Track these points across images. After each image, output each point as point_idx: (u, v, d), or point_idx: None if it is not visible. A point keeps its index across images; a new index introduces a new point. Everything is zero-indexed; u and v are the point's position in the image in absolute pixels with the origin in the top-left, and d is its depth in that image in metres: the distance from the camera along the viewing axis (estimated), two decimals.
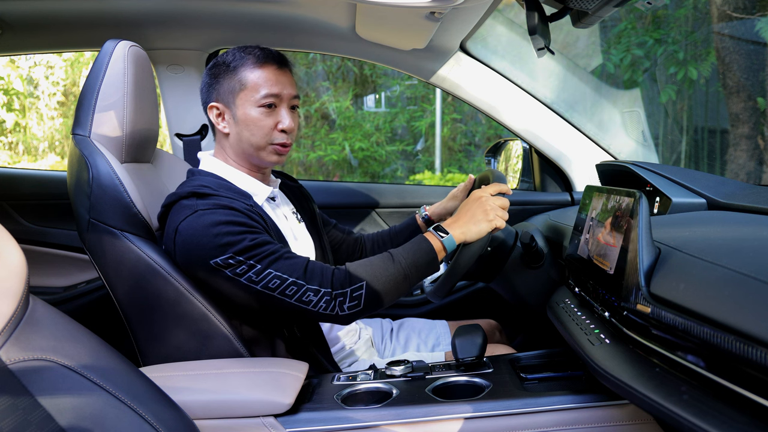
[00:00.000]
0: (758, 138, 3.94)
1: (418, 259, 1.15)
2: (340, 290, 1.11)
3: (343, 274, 1.12)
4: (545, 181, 2.08)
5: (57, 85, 8.03)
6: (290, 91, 1.26)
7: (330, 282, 1.11)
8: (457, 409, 1.00)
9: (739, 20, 3.93)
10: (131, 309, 1.22)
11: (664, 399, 0.71)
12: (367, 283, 1.11)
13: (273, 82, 1.23)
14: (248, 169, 1.31)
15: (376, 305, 1.13)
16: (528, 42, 1.29)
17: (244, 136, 1.25)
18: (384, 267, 1.13)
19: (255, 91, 1.23)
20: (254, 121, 1.24)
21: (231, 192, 1.20)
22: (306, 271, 1.11)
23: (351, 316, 1.12)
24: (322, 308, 1.10)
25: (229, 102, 1.25)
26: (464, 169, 7.49)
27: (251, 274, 1.09)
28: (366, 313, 1.13)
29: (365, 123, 7.60)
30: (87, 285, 2.03)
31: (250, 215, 1.15)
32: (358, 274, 1.12)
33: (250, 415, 0.99)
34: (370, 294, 1.11)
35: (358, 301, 1.11)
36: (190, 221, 1.11)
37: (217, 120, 1.28)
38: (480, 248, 1.23)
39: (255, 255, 1.09)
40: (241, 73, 1.23)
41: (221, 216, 1.11)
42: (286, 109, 1.26)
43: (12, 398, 0.68)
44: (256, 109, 1.23)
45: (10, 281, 0.74)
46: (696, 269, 0.78)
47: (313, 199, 1.56)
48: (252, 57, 1.24)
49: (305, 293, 1.09)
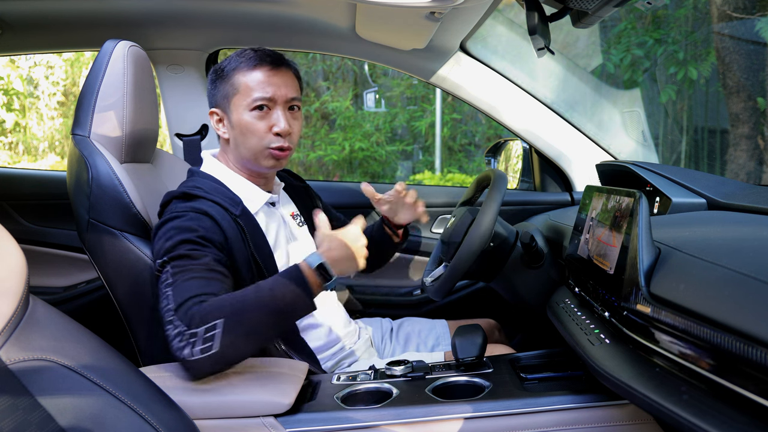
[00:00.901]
0: (758, 138, 3.94)
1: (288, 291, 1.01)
2: (195, 329, 0.95)
3: (203, 310, 0.96)
4: (545, 181, 2.08)
5: (57, 85, 8.03)
6: (286, 92, 1.23)
7: (189, 318, 0.96)
8: (457, 409, 1.00)
9: (739, 20, 3.93)
10: (131, 309, 1.22)
11: (664, 399, 0.71)
12: (225, 320, 0.95)
13: (265, 84, 1.21)
14: (248, 175, 1.30)
15: (236, 347, 0.97)
16: (528, 42, 1.29)
17: (239, 141, 1.24)
18: (247, 299, 0.99)
19: (246, 95, 1.21)
20: (247, 125, 1.22)
21: (222, 196, 1.19)
22: (186, 300, 0.99)
23: (203, 362, 0.95)
24: (176, 347, 0.96)
25: (225, 107, 1.25)
26: (464, 169, 7.49)
27: (164, 285, 1.04)
28: (224, 359, 0.97)
29: (365, 123, 7.59)
30: (87, 285, 2.03)
31: (212, 230, 1.11)
32: (216, 309, 0.96)
33: (250, 415, 0.98)
34: (228, 333, 0.94)
35: (211, 343, 0.94)
36: (162, 223, 1.13)
37: (218, 126, 1.28)
38: (482, 245, 1.23)
39: (177, 266, 1.04)
40: (234, 78, 1.22)
41: (183, 221, 1.10)
42: (282, 110, 1.24)
43: (12, 398, 0.68)
44: (249, 113, 1.22)
45: (10, 281, 0.74)
46: (696, 269, 0.78)
47: (320, 198, 1.54)
48: (244, 60, 1.22)
49: (169, 325, 0.98)
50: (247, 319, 0.97)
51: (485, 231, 1.26)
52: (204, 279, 1.04)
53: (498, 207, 1.28)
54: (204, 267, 1.06)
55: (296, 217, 1.44)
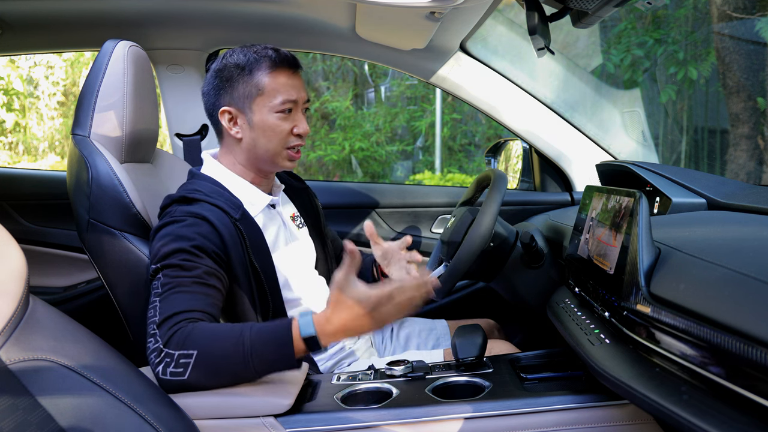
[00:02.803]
0: (758, 138, 3.94)
1: (268, 351, 0.96)
2: (171, 351, 0.95)
3: (184, 333, 0.96)
4: (545, 181, 2.08)
5: (57, 85, 8.03)
6: (304, 95, 1.25)
7: (167, 337, 0.96)
8: (457, 409, 1.00)
9: (739, 20, 3.93)
10: (131, 309, 1.22)
11: (664, 399, 0.71)
12: (199, 353, 0.95)
13: (289, 86, 1.21)
14: (254, 175, 1.29)
15: (203, 382, 0.95)
16: (528, 42, 1.29)
17: (260, 142, 1.23)
18: (225, 342, 0.95)
19: (272, 97, 1.20)
20: (272, 127, 1.22)
21: (222, 199, 1.18)
22: (170, 316, 0.99)
23: (172, 384, 0.95)
24: (151, 361, 0.97)
25: (244, 107, 1.22)
26: (464, 169, 7.49)
27: (153, 294, 1.04)
28: (190, 387, 0.96)
29: (365, 123, 7.59)
30: (87, 285, 2.03)
31: (208, 237, 1.10)
32: (196, 339, 0.95)
33: (250, 416, 0.98)
34: (198, 367, 0.94)
35: (183, 369, 0.94)
36: (160, 227, 1.13)
37: (230, 125, 1.24)
38: (482, 245, 1.23)
39: (168, 276, 1.04)
40: (257, 78, 1.20)
41: (180, 228, 1.10)
42: (302, 112, 1.25)
43: (12, 398, 0.68)
44: (274, 115, 1.21)
45: (10, 281, 0.74)
46: (696, 269, 0.78)
47: (318, 203, 1.53)
48: (267, 60, 1.20)
49: (150, 337, 0.98)
50: (219, 359, 0.95)
51: (485, 231, 1.26)
52: (192, 293, 1.03)
53: (498, 207, 1.28)
54: (194, 280, 1.05)
55: (296, 218, 1.43)
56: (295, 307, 1.31)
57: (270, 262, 1.22)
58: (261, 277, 1.18)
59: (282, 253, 1.31)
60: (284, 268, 1.29)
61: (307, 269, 1.41)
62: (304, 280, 1.36)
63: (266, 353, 0.95)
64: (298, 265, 1.36)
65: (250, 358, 0.95)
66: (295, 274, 1.33)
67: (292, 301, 1.31)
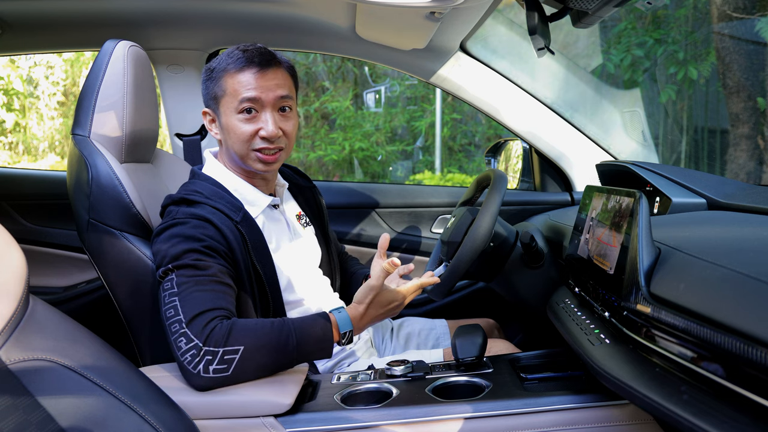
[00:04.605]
0: (758, 138, 3.94)
1: (310, 343, 1.04)
2: (212, 348, 0.98)
3: (223, 330, 0.99)
4: (545, 181, 2.08)
5: (57, 85, 8.03)
6: (275, 93, 1.19)
7: (206, 335, 0.98)
8: (457, 409, 1.00)
9: (739, 20, 3.93)
10: (131, 309, 1.22)
11: (664, 399, 0.71)
12: (246, 348, 0.99)
13: (252, 86, 1.18)
14: (245, 176, 1.28)
15: (246, 376, 1.00)
16: (528, 42, 1.29)
17: (229, 144, 1.23)
18: (271, 337, 1.01)
19: (234, 97, 1.19)
20: (234, 129, 1.20)
21: (223, 202, 1.18)
22: (198, 314, 1.01)
23: (213, 380, 0.98)
24: (187, 360, 0.98)
25: (215, 109, 1.24)
26: (464, 169, 7.49)
27: (168, 294, 1.05)
28: (232, 382, 0.99)
29: (365, 123, 7.59)
30: (87, 285, 2.03)
31: (216, 238, 1.11)
32: (239, 335, 0.99)
33: (250, 415, 0.98)
34: (244, 362, 0.99)
35: (227, 366, 0.98)
36: (164, 228, 1.13)
37: (210, 126, 1.27)
38: (482, 245, 1.23)
39: (183, 276, 1.05)
40: (222, 79, 1.20)
41: (186, 229, 1.10)
42: (271, 112, 1.20)
43: (12, 398, 0.68)
44: (236, 116, 1.20)
45: (10, 282, 0.74)
46: (696, 269, 0.78)
47: (323, 202, 1.52)
48: (232, 61, 1.19)
49: (180, 336, 1.00)
50: (267, 354, 1.01)
51: (485, 231, 1.26)
52: (212, 292, 1.05)
53: (498, 207, 1.28)
54: (211, 279, 1.06)
55: (302, 217, 1.42)
56: (297, 308, 1.31)
57: (271, 264, 1.21)
58: (262, 279, 1.18)
59: (285, 254, 1.30)
60: (287, 269, 1.29)
61: (311, 269, 1.40)
62: (308, 280, 1.36)
63: (309, 347, 1.04)
64: (301, 265, 1.35)
65: (295, 352, 1.02)
66: (298, 274, 1.32)
67: (293, 302, 1.30)
